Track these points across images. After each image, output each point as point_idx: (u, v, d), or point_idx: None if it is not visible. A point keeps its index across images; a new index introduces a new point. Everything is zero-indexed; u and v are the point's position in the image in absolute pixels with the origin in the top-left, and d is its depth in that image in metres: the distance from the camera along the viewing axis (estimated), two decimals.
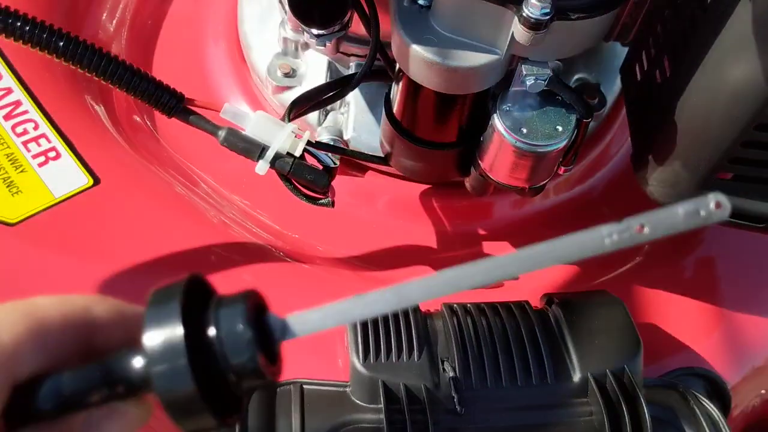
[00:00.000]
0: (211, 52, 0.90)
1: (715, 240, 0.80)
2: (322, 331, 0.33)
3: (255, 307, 0.33)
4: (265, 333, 0.33)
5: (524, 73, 0.58)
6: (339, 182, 0.77)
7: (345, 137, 0.80)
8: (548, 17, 0.51)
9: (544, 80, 0.59)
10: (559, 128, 0.60)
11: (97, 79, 0.59)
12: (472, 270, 0.31)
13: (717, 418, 0.60)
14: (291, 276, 0.73)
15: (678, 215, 0.29)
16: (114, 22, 0.92)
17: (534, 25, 0.52)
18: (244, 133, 0.63)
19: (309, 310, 0.33)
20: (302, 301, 0.70)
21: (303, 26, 0.73)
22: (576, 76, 0.73)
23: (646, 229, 0.29)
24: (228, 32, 0.90)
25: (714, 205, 0.28)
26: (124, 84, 0.59)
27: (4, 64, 0.76)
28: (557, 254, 0.30)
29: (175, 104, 0.61)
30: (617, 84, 0.79)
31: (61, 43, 0.57)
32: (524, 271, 0.31)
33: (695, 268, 0.80)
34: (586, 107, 0.61)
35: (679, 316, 0.74)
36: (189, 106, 0.62)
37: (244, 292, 0.33)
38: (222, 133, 0.62)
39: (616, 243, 0.29)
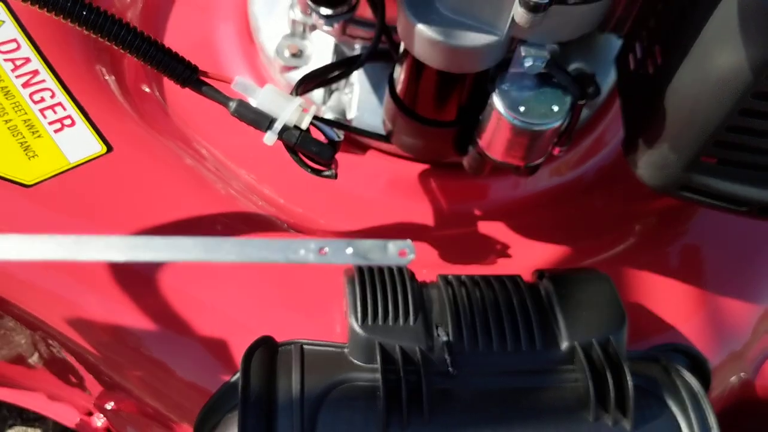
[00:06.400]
0: (220, 31, 0.92)
1: (702, 227, 0.83)
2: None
3: None
4: None
5: (523, 54, 0.61)
6: (341, 161, 0.79)
7: (348, 116, 0.83)
8: (547, 1, 0.54)
9: (542, 62, 0.61)
10: (555, 108, 0.63)
11: (116, 48, 0.62)
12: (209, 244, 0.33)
13: (697, 391, 0.62)
14: None
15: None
16: None
17: (533, 8, 0.54)
18: (253, 105, 0.65)
19: None
20: (304, 270, 0.73)
21: (312, 6, 0.76)
22: (573, 66, 0.76)
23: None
24: (238, 12, 0.92)
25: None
26: (141, 54, 0.61)
27: (23, 35, 0.79)
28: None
29: (189, 75, 0.64)
30: (612, 75, 0.82)
31: (84, 13, 0.59)
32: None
33: (682, 253, 0.83)
34: (581, 90, 0.64)
35: (665, 298, 0.77)
36: (202, 78, 0.65)
37: None
38: (233, 104, 0.65)
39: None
